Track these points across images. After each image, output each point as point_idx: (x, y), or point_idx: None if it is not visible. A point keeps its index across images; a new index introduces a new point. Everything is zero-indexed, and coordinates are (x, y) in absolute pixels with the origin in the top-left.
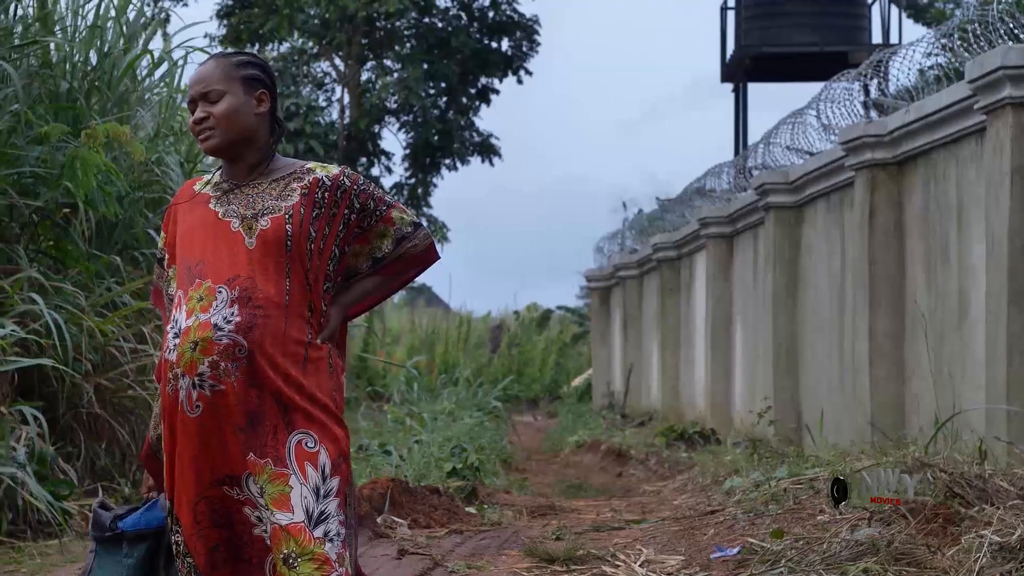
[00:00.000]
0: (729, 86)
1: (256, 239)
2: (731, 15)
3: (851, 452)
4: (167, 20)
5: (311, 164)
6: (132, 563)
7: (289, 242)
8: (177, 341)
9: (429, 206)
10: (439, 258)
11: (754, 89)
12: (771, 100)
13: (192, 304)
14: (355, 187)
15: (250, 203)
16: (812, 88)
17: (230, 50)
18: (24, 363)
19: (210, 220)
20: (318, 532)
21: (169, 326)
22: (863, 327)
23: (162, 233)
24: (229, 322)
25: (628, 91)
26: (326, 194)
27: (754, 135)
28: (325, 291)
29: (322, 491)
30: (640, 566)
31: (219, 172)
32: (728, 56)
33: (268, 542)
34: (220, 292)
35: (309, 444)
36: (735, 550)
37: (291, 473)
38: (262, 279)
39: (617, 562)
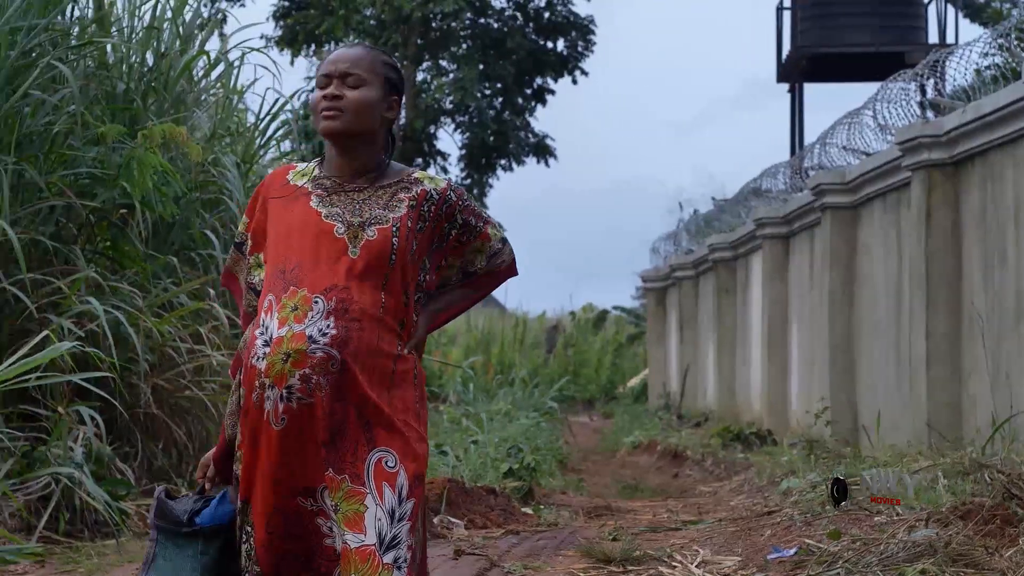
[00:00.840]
0: (785, 86)
1: (360, 249)
2: (787, 15)
3: (908, 453)
4: (223, 21)
5: (418, 173)
6: (208, 560)
7: (393, 255)
8: (267, 350)
9: (485, 206)
10: (518, 274)
11: (810, 89)
12: (827, 100)
13: (286, 313)
14: (460, 203)
15: (356, 208)
16: (868, 88)
17: (379, 47)
18: (85, 375)
19: (311, 221)
20: (388, 558)
21: (259, 331)
22: (920, 328)
23: (244, 218)
24: (324, 335)
25: (683, 91)
26: (432, 208)
27: (810, 135)
28: (416, 302)
29: (397, 514)
30: (697, 567)
31: (318, 165)
32: (784, 56)
33: (338, 552)
34: (316, 302)
35: (389, 463)
36: (792, 551)
37: (368, 492)
38: (359, 291)
39: (674, 563)
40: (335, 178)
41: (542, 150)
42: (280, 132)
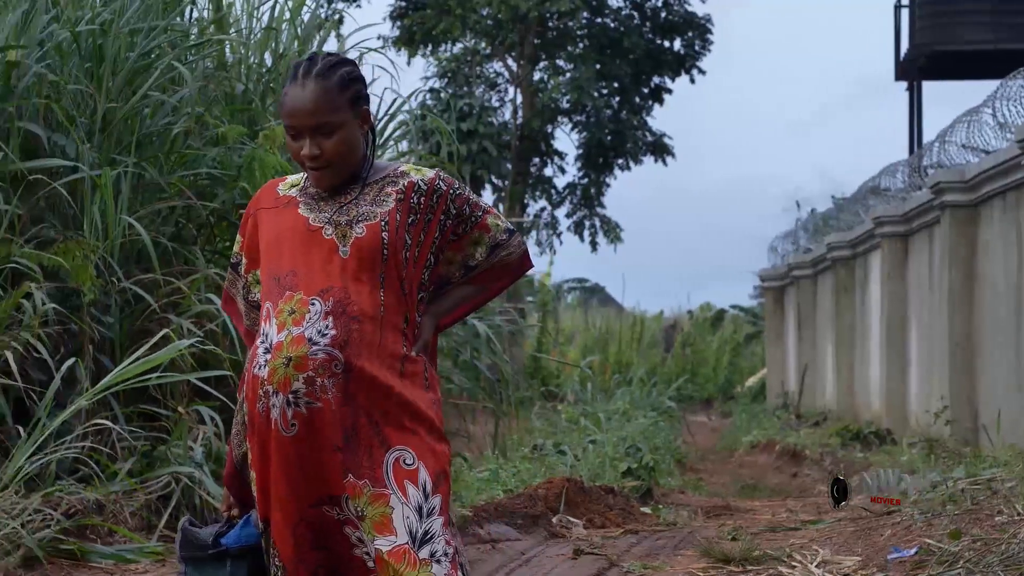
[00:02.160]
0: (903, 84)
1: (351, 247)
2: (905, 13)
3: None
4: (340, 21)
5: (405, 167)
6: None
7: (385, 250)
8: (268, 356)
9: (602, 206)
10: (532, 267)
11: (928, 87)
12: (945, 98)
13: (283, 317)
14: (451, 191)
15: (343, 209)
16: (987, 86)
17: (323, 59)
18: (203, 374)
19: (300, 227)
20: (423, 553)
21: (259, 339)
22: None
23: (238, 237)
24: (324, 335)
25: (800, 90)
26: (422, 199)
27: (928, 133)
28: (419, 301)
29: (424, 509)
30: (816, 567)
31: (306, 176)
32: (902, 54)
33: (370, 564)
34: (313, 304)
35: (407, 461)
36: (912, 551)
37: (391, 493)
38: (356, 290)
39: (793, 563)
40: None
41: (659, 149)
42: (398, 132)
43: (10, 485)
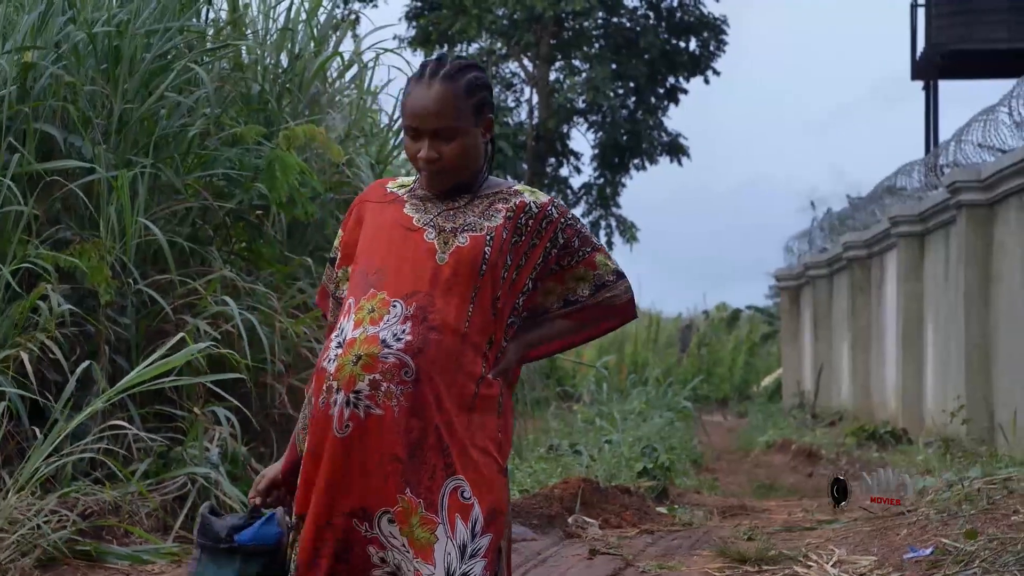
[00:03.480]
0: (919, 84)
1: (449, 256)
2: (921, 12)
3: None
4: (357, 22)
5: (519, 186)
6: None
7: (484, 265)
8: (339, 351)
9: (618, 206)
10: (636, 316)
11: (945, 86)
12: (962, 97)
13: (362, 315)
14: (562, 220)
15: (450, 215)
16: (1004, 85)
17: (454, 63)
18: (220, 376)
19: (402, 225)
20: None
21: (334, 334)
22: None
23: (340, 231)
24: (399, 339)
25: (816, 89)
26: (530, 221)
27: (945, 133)
28: (509, 325)
29: (469, 550)
30: (832, 566)
31: (416, 178)
32: (919, 53)
33: None
34: (394, 306)
35: (465, 494)
36: (928, 551)
37: (440, 523)
38: (443, 299)
39: (809, 562)
40: (433, 191)
41: (675, 149)
42: None
43: (26, 486)
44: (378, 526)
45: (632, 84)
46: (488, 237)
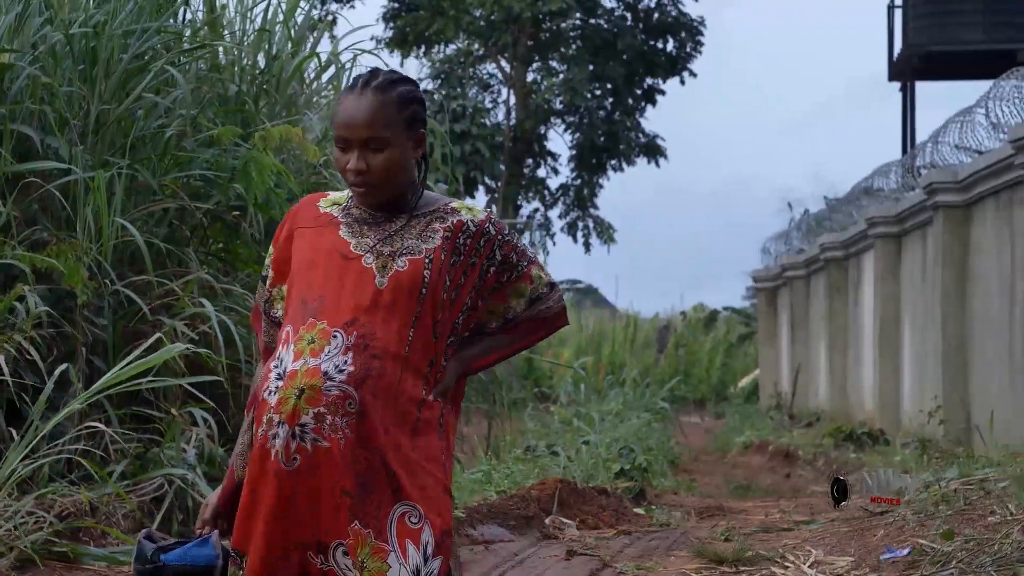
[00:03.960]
0: (896, 85)
1: (389, 280)
2: (898, 14)
3: (1022, 453)
4: (334, 23)
5: (455, 203)
6: None
7: (424, 289)
8: (280, 384)
9: (595, 207)
10: (568, 323)
11: (921, 87)
12: (939, 98)
13: (302, 345)
14: (500, 237)
15: (388, 239)
16: (980, 86)
17: (385, 74)
18: (197, 378)
19: (339, 251)
20: None
21: (273, 363)
22: None
23: (271, 248)
24: (341, 371)
25: (793, 91)
26: (469, 240)
27: (922, 134)
28: (448, 345)
29: (423, 573)
30: (809, 567)
31: (350, 195)
32: (895, 55)
33: None
34: (335, 337)
35: (413, 519)
36: (905, 551)
37: (391, 550)
38: (384, 326)
39: (786, 563)
40: (367, 210)
41: (652, 150)
42: None
43: (3, 487)
44: (333, 558)
45: (609, 85)
46: (427, 260)
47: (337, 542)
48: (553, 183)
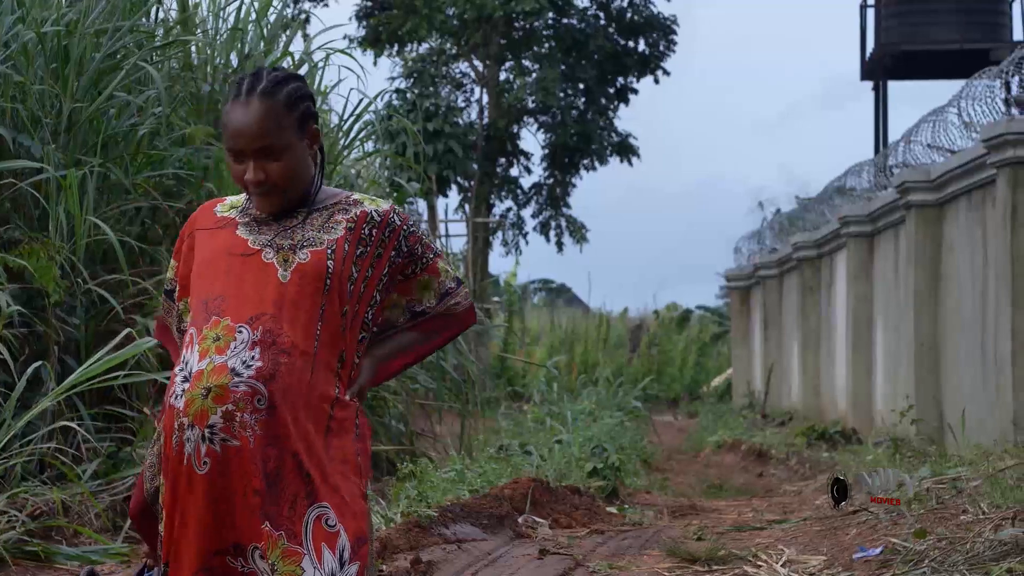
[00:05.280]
0: (869, 84)
1: (292, 273)
2: (871, 13)
3: (994, 452)
4: (307, 21)
5: (358, 196)
6: None
7: (328, 280)
8: (186, 386)
9: (568, 206)
10: (476, 322)
11: (894, 87)
12: (911, 97)
13: (207, 344)
14: (405, 227)
15: (287, 232)
16: (953, 86)
17: (269, 75)
18: (168, 374)
19: (237, 248)
20: None
21: (178, 367)
22: (1006, 326)
23: (172, 261)
24: (249, 367)
25: (766, 90)
26: (374, 231)
27: (894, 133)
28: (360, 341)
29: None
30: (782, 566)
31: (248, 198)
32: (868, 54)
33: None
34: (240, 332)
35: (329, 522)
36: (877, 550)
37: (304, 553)
38: (290, 320)
39: (759, 562)
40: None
41: (625, 149)
42: (364, 133)
43: None
44: (253, 561)
45: (582, 84)
46: (329, 250)
47: (253, 545)
48: (526, 182)
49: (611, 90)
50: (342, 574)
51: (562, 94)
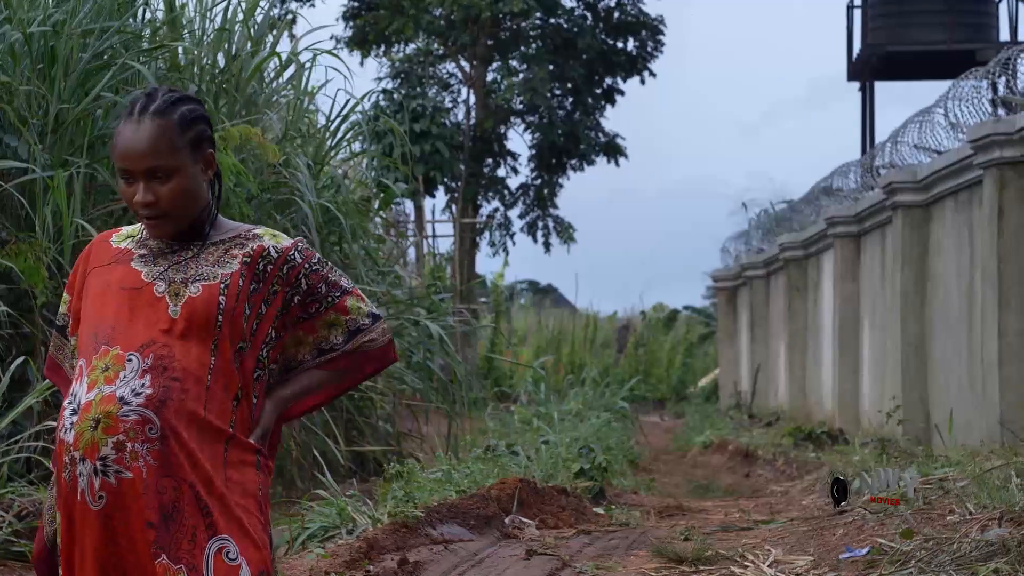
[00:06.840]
0: (855, 85)
1: (182, 307)
2: (858, 14)
3: (981, 452)
4: (294, 22)
5: (259, 230)
6: None
7: (220, 316)
8: (75, 419)
9: (555, 207)
10: (397, 359)
11: (881, 87)
12: (898, 98)
13: (95, 375)
14: (307, 265)
15: (182, 266)
16: (939, 86)
17: (163, 96)
18: None
19: (130, 281)
20: None
21: (67, 400)
22: (992, 326)
23: (65, 295)
24: (138, 395)
25: (752, 90)
26: (269, 267)
27: (881, 134)
28: (256, 379)
29: None
30: (769, 566)
31: (144, 228)
32: (855, 55)
33: None
34: (130, 360)
35: (231, 555)
36: (864, 551)
37: None
38: (182, 349)
39: (746, 563)
40: (161, 240)
41: (612, 150)
42: (350, 133)
43: None
44: None
45: (569, 85)
46: (223, 285)
47: None
48: (513, 183)
49: (598, 90)
50: None
51: (549, 94)
